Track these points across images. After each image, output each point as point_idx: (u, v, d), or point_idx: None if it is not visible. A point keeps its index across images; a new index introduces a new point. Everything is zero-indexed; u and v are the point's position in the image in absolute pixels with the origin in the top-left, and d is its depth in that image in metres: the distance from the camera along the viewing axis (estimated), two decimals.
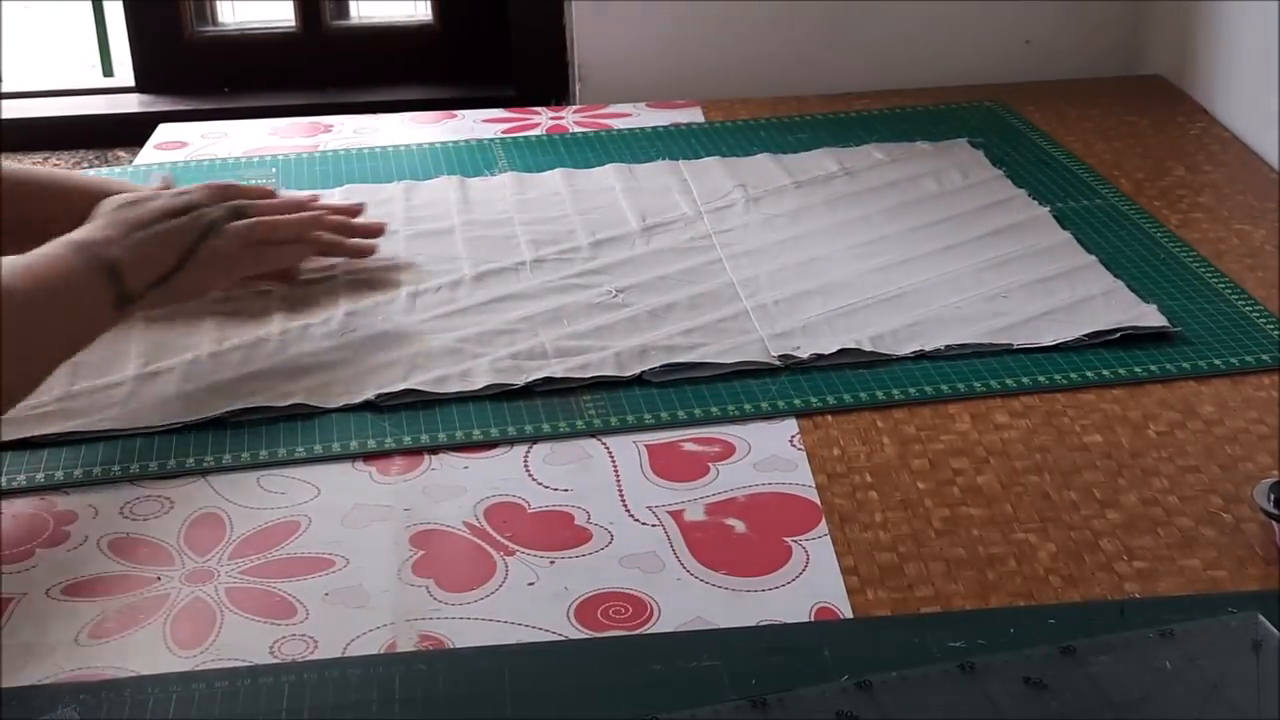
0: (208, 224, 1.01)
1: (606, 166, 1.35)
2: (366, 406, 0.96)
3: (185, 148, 1.45)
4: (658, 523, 0.83)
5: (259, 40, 1.77)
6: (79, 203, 1.03)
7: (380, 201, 1.29)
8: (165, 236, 0.98)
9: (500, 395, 0.96)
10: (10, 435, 0.92)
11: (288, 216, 1.08)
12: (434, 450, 0.91)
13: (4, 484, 0.88)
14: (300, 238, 1.08)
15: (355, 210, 1.17)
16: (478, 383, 0.97)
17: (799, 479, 0.87)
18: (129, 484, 0.88)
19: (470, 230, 1.22)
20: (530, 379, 0.97)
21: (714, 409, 0.94)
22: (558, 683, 0.70)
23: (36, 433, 0.93)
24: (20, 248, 0.93)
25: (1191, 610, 0.73)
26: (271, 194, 1.11)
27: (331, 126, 1.50)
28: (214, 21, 1.78)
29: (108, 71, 1.84)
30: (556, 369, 0.98)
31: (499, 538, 0.82)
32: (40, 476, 0.89)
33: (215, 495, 0.87)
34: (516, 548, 0.81)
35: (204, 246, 1.00)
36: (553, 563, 0.80)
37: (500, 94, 1.67)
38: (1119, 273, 1.10)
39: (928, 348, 1.00)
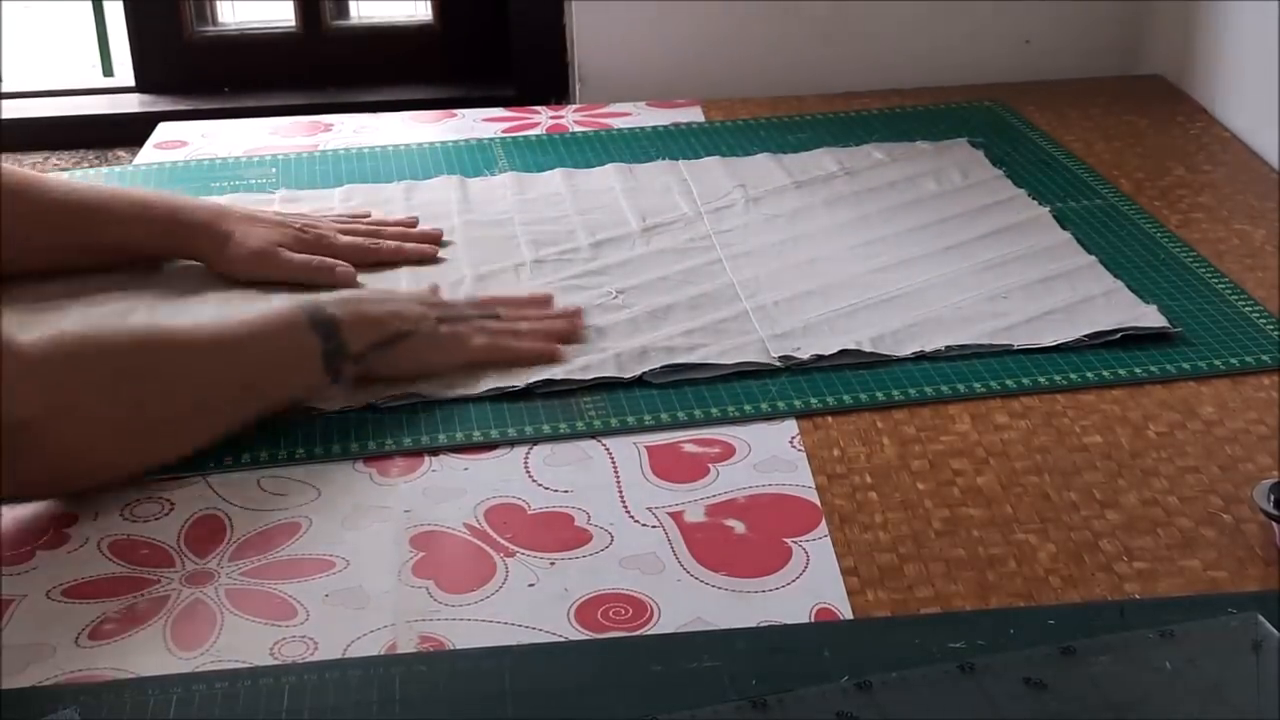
0: (444, 315, 1.00)
1: (606, 166, 1.35)
2: (367, 408, 0.95)
3: (185, 148, 1.45)
4: (658, 524, 0.83)
5: (259, 40, 1.77)
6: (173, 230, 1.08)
7: (380, 201, 1.29)
8: (397, 307, 0.98)
9: (500, 397, 0.96)
10: None
11: (534, 322, 1.03)
12: (434, 451, 0.91)
13: None
14: (547, 339, 1.02)
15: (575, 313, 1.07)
16: (480, 387, 0.97)
17: (799, 480, 0.87)
18: (129, 485, 0.88)
19: (470, 231, 1.22)
20: (531, 381, 0.97)
21: (714, 410, 0.94)
22: (558, 683, 0.70)
23: None
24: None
25: (1191, 611, 0.73)
26: (542, 300, 1.07)
27: (331, 126, 1.50)
28: (214, 21, 1.78)
29: (108, 71, 1.84)
30: (557, 370, 0.98)
31: (499, 539, 0.82)
32: None
33: (215, 496, 0.87)
34: (517, 549, 0.81)
35: (441, 327, 0.98)
36: (553, 564, 0.80)
37: (500, 94, 1.67)
38: (1119, 273, 1.10)
39: (928, 348, 1.00)
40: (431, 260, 1.16)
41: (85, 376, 0.83)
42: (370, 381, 0.96)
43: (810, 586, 0.77)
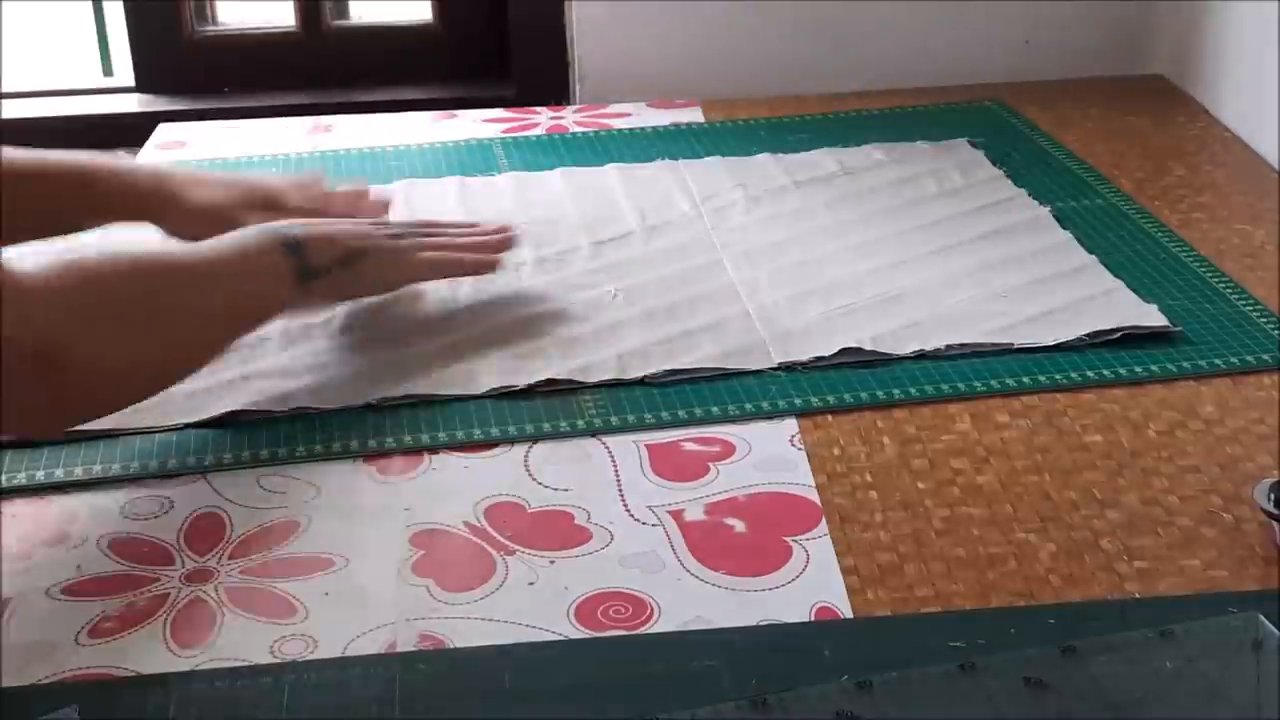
0: (396, 234, 1.05)
1: (606, 166, 1.35)
2: (366, 406, 0.96)
3: (185, 148, 1.45)
4: (658, 522, 0.83)
5: (259, 40, 1.77)
6: (128, 194, 1.08)
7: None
8: (347, 229, 1.03)
9: (500, 395, 0.96)
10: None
11: (476, 236, 1.11)
12: (434, 450, 0.91)
13: (4, 484, 0.88)
14: (485, 248, 1.10)
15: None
16: (480, 385, 0.97)
17: (799, 479, 0.87)
18: (129, 484, 0.88)
19: None
20: (532, 381, 0.97)
21: (714, 409, 0.94)
22: (558, 682, 0.70)
23: None
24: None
25: (1191, 610, 0.73)
26: (473, 224, 1.15)
27: (331, 126, 1.50)
28: (214, 21, 1.78)
29: (108, 71, 1.84)
30: (558, 370, 0.98)
31: (499, 537, 0.82)
32: (40, 476, 0.89)
33: (215, 495, 0.87)
34: (516, 547, 0.81)
35: (389, 244, 1.04)
36: (553, 562, 0.80)
37: (500, 94, 1.67)
38: (1119, 273, 1.10)
39: (928, 348, 1.00)
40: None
41: (99, 302, 0.85)
42: (331, 299, 1.03)
43: (810, 585, 0.77)
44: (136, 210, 1.14)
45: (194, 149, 1.45)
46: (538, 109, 1.54)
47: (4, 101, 1.74)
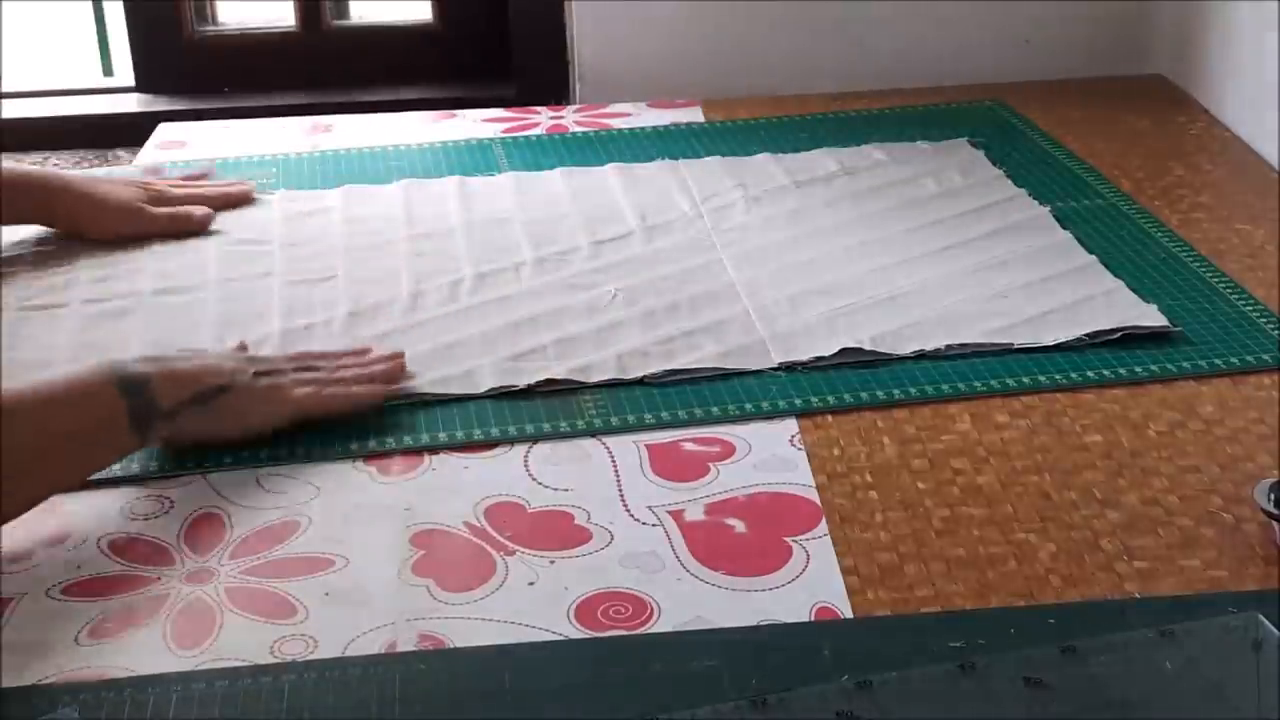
0: (263, 370, 0.94)
1: (606, 166, 1.35)
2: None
3: (185, 147, 1.45)
4: (658, 522, 0.83)
5: (259, 40, 1.77)
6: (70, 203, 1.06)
7: (380, 202, 1.29)
8: (210, 364, 0.93)
9: (500, 395, 0.96)
10: None
11: (358, 369, 0.99)
12: (434, 450, 0.91)
13: None
14: (371, 381, 0.97)
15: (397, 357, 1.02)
16: (480, 385, 0.97)
17: (799, 479, 0.87)
18: (129, 484, 0.88)
19: (471, 230, 1.22)
20: (532, 381, 0.97)
21: (714, 409, 0.94)
22: (558, 682, 0.70)
23: None
24: None
25: (1191, 610, 0.73)
26: (359, 351, 1.02)
27: (331, 126, 1.50)
28: (214, 21, 1.78)
29: (108, 71, 1.84)
30: (558, 371, 0.98)
31: (499, 538, 0.82)
32: None
33: (215, 495, 0.87)
34: (516, 548, 0.81)
35: (259, 380, 0.93)
36: (553, 562, 0.80)
37: (500, 94, 1.67)
38: (1119, 272, 1.10)
39: (928, 348, 1.00)
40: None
41: None
42: (187, 443, 0.91)
43: (810, 585, 0.77)
44: (53, 211, 1.18)
45: (194, 149, 1.45)
46: (538, 109, 1.54)
47: (4, 101, 1.74)
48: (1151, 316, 1.03)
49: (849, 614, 0.75)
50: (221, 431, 0.91)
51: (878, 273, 1.12)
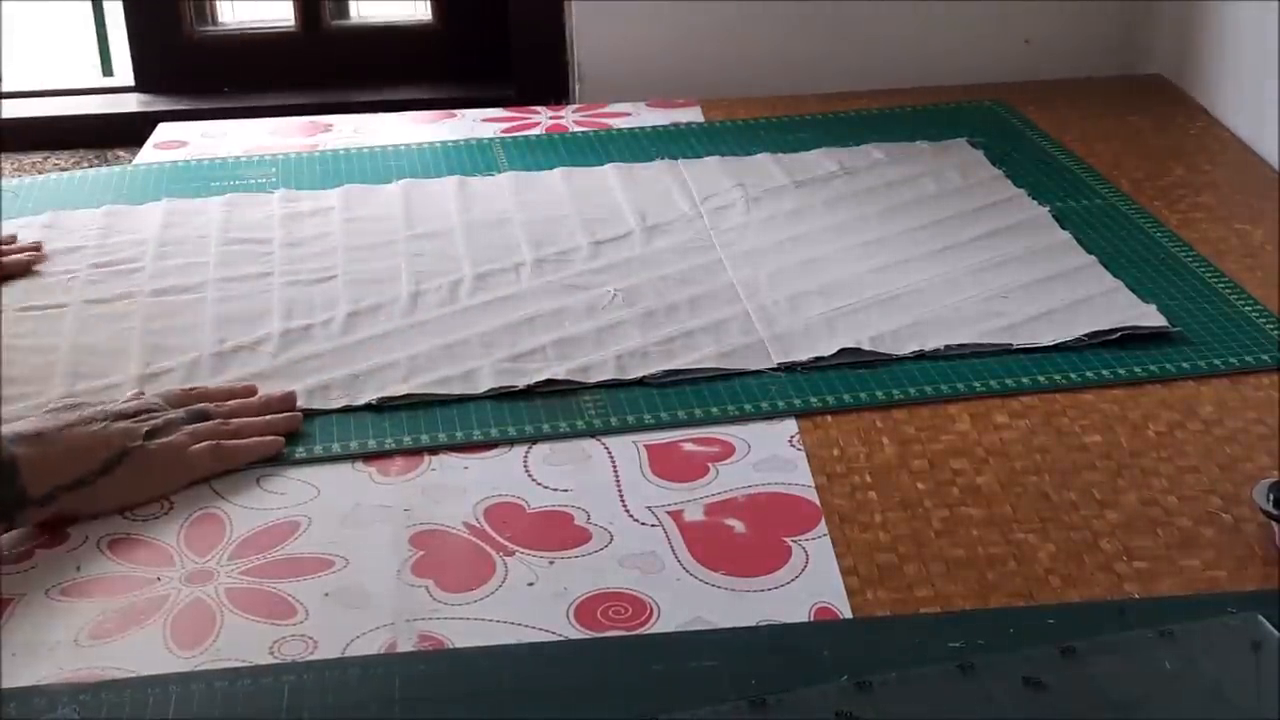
0: (154, 428, 0.88)
1: (606, 166, 1.35)
2: (366, 406, 0.96)
3: (185, 147, 1.45)
4: (657, 523, 0.83)
5: (259, 40, 1.77)
6: None
7: (380, 201, 1.29)
8: (94, 436, 0.86)
9: (500, 395, 0.96)
10: None
11: (251, 418, 0.93)
12: (434, 450, 0.91)
13: None
14: (270, 431, 0.92)
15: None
16: (480, 386, 0.97)
17: (799, 479, 0.87)
18: None
19: (470, 230, 1.22)
20: (532, 381, 0.97)
21: (714, 409, 0.94)
22: (558, 683, 0.70)
23: None
24: None
25: (1191, 610, 0.73)
26: (247, 391, 0.97)
27: (331, 126, 1.50)
28: (214, 21, 1.78)
29: (108, 71, 1.84)
30: (558, 371, 0.98)
31: (499, 538, 0.82)
32: None
33: (215, 495, 0.87)
34: (516, 548, 0.81)
35: (149, 446, 0.87)
36: (552, 563, 0.80)
37: (500, 94, 1.67)
38: (1119, 273, 1.10)
39: (927, 348, 1.00)
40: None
41: None
42: (70, 521, 0.84)
43: (810, 586, 0.77)
44: None
45: (194, 149, 1.45)
46: (537, 109, 1.54)
47: (4, 101, 1.74)
48: (1151, 317, 1.03)
49: (848, 614, 0.75)
50: (107, 506, 0.85)
51: (877, 273, 1.12)
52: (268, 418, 0.93)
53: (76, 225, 1.25)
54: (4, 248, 1.18)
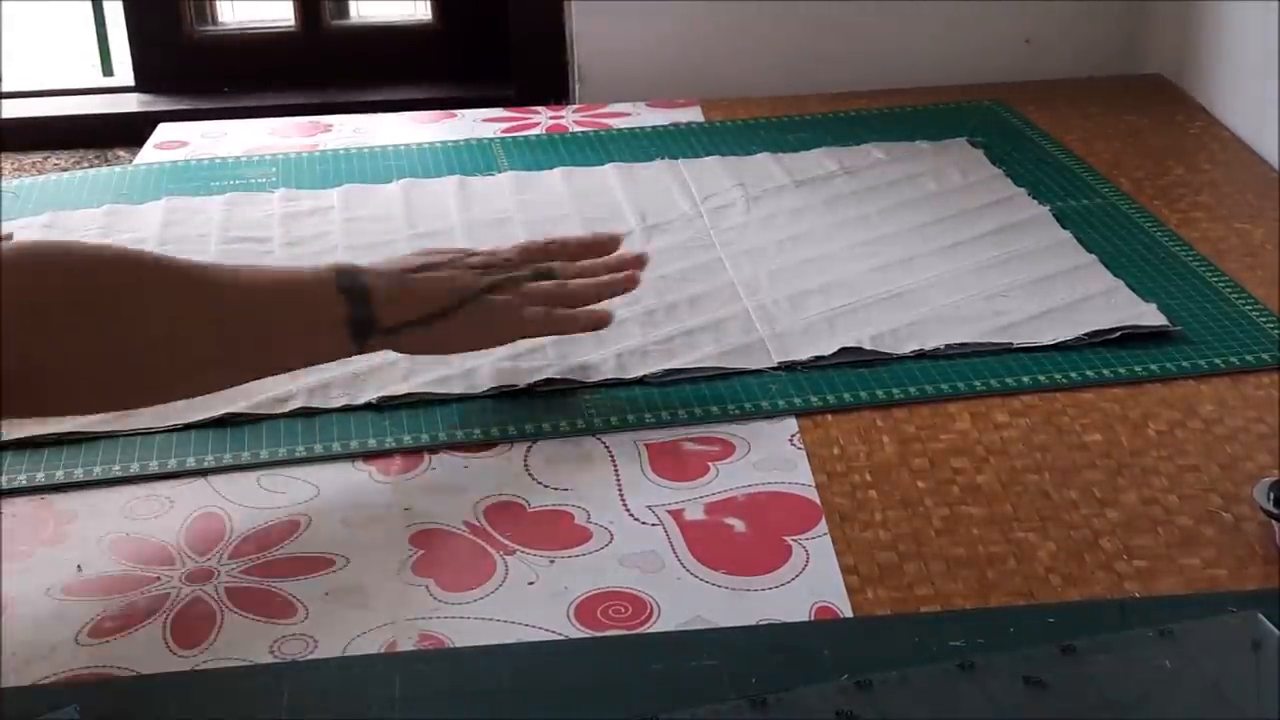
0: (493, 282, 0.91)
1: (606, 166, 1.35)
2: (366, 406, 0.95)
3: (185, 147, 1.45)
4: (657, 522, 0.83)
5: (259, 40, 1.77)
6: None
7: (380, 201, 1.29)
8: (438, 281, 0.90)
9: (500, 395, 0.96)
10: (12, 435, 0.92)
11: (588, 281, 0.96)
12: (434, 449, 0.91)
13: (4, 484, 0.88)
14: (599, 298, 0.96)
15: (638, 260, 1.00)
16: (480, 385, 0.97)
17: (799, 478, 0.87)
18: (129, 484, 0.88)
19: (470, 230, 1.22)
20: (532, 381, 0.97)
21: (714, 408, 0.94)
22: (558, 683, 0.70)
23: (37, 433, 0.93)
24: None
25: (1191, 610, 0.73)
26: (602, 249, 0.99)
27: (331, 126, 1.50)
28: (214, 21, 1.78)
29: (108, 71, 1.84)
30: (558, 370, 0.98)
31: (499, 537, 0.82)
32: (40, 476, 0.89)
33: (215, 495, 0.87)
34: (516, 547, 0.81)
35: (486, 300, 0.90)
36: (552, 562, 0.80)
37: (500, 94, 1.67)
38: (1119, 272, 1.10)
39: (928, 347, 1.00)
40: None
41: (54, 285, 0.77)
42: (407, 352, 0.92)
43: (810, 585, 0.77)
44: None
45: (194, 149, 1.45)
46: (537, 109, 1.54)
47: (4, 101, 1.75)
48: (1151, 316, 1.03)
49: (849, 613, 0.75)
50: (439, 349, 0.92)
51: (877, 272, 1.12)
52: (605, 278, 0.96)
53: (77, 225, 1.25)
54: None
